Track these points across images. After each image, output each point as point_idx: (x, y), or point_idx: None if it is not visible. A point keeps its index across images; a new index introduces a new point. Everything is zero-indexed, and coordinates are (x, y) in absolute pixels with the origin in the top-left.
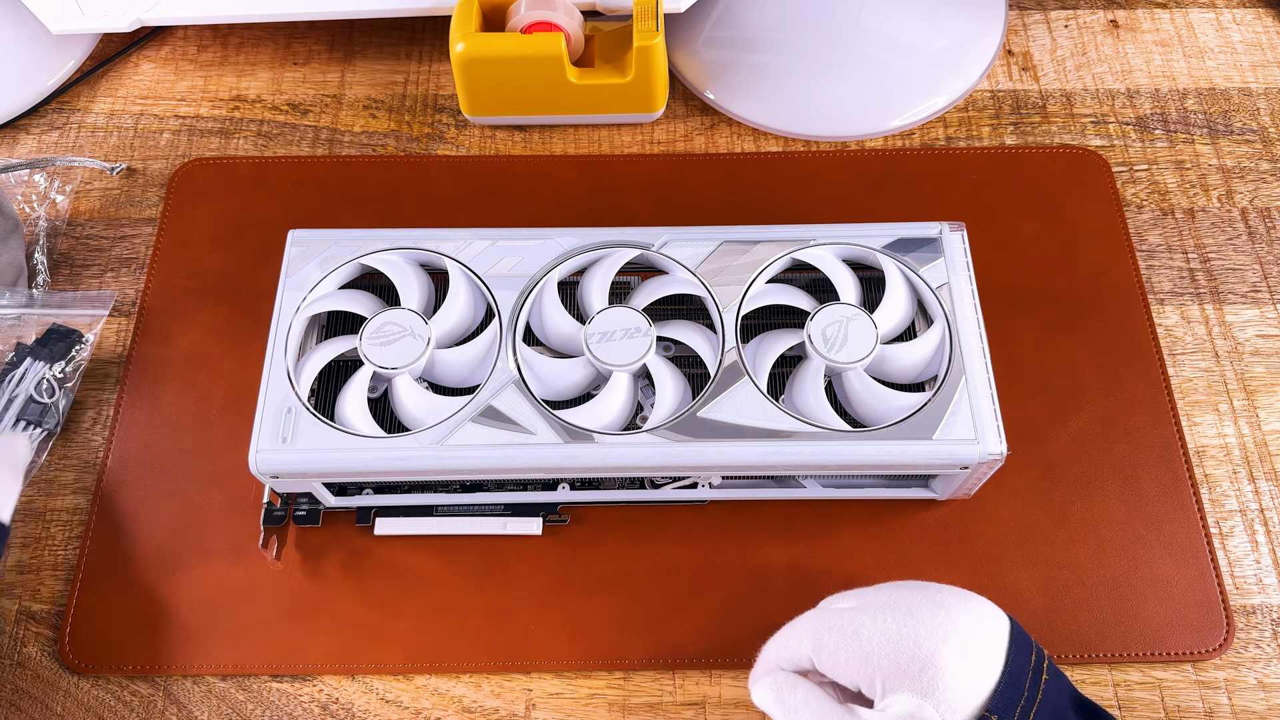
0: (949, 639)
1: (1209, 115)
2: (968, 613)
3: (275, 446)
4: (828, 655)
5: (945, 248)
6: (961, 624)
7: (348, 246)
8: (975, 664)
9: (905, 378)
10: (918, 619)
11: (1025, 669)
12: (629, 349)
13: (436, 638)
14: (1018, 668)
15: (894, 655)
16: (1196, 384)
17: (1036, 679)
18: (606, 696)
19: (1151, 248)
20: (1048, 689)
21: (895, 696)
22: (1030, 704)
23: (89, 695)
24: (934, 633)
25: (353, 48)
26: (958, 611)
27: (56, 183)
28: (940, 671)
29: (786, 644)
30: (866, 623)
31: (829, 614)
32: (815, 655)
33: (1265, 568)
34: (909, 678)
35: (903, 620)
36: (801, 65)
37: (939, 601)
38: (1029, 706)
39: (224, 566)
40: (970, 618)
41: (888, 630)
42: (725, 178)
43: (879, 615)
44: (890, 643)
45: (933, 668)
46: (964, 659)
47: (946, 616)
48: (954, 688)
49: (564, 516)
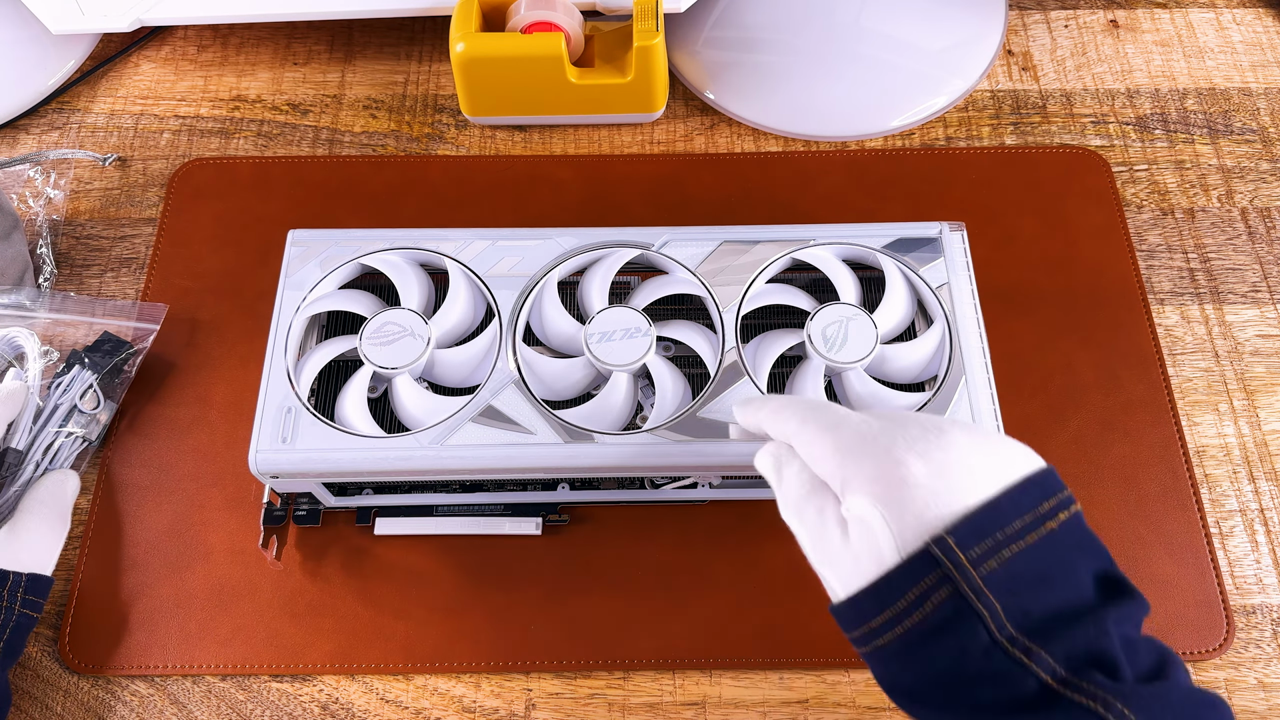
0: (925, 453)
1: (1209, 115)
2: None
3: (275, 446)
4: (805, 441)
5: (945, 248)
6: (953, 443)
7: (348, 246)
8: (949, 483)
9: (905, 378)
10: (905, 429)
11: (1022, 509)
12: (629, 349)
13: (436, 638)
14: (1010, 504)
15: (861, 454)
16: (1196, 384)
17: (1035, 525)
18: (606, 696)
19: (1151, 248)
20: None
21: (853, 497)
22: (1008, 542)
23: (89, 695)
24: (912, 444)
25: (353, 48)
26: (957, 436)
27: (53, 178)
28: (899, 479)
29: (776, 412)
30: (853, 420)
31: (823, 404)
32: (795, 436)
33: (1265, 568)
34: (869, 480)
35: (888, 427)
36: (801, 65)
37: (940, 426)
38: (1005, 543)
39: (224, 566)
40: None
41: (869, 431)
42: (725, 178)
43: (870, 418)
44: (863, 442)
45: (894, 474)
46: (934, 474)
47: (938, 435)
48: (911, 499)
49: (564, 516)
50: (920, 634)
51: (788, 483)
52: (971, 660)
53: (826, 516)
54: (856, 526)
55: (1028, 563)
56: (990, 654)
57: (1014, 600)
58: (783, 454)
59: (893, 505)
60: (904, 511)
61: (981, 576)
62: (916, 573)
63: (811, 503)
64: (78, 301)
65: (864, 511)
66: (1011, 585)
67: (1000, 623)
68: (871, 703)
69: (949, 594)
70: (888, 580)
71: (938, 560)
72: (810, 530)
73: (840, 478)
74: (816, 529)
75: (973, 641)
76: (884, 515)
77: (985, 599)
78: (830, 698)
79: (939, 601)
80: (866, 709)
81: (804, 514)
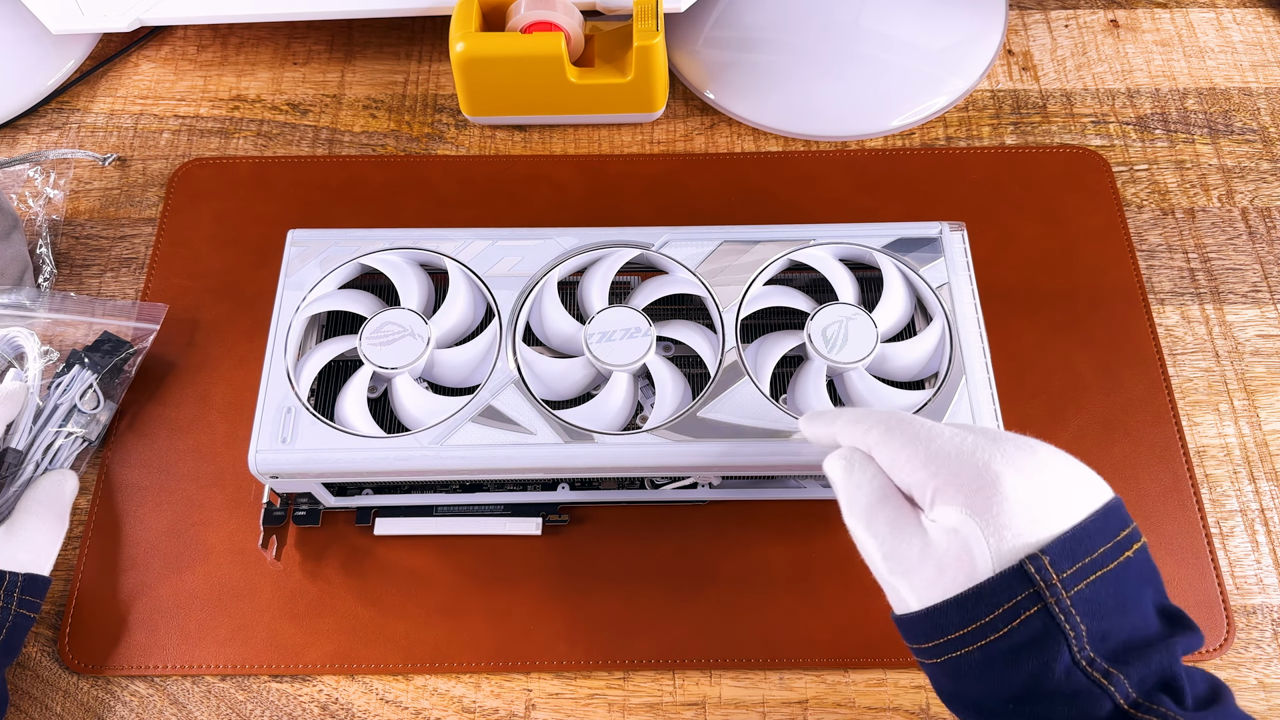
0: (1024, 470)
1: (1209, 115)
2: (1059, 462)
3: (275, 446)
4: (890, 450)
5: (945, 247)
6: (1046, 464)
7: (348, 246)
8: (1044, 504)
9: (906, 376)
10: (1000, 446)
11: (1106, 537)
12: (629, 349)
13: (436, 638)
14: (1096, 530)
15: (958, 466)
16: (1196, 384)
17: (1115, 553)
18: (606, 696)
19: (1151, 248)
20: (1124, 568)
21: (944, 508)
22: (1094, 568)
23: (88, 695)
24: (1010, 460)
25: (353, 48)
26: (1048, 456)
27: (52, 178)
28: (1001, 495)
29: (855, 422)
30: (945, 433)
31: (909, 415)
32: (879, 445)
33: (1265, 568)
34: (966, 492)
35: (983, 441)
36: (801, 65)
37: (1033, 446)
38: (1091, 569)
39: (224, 566)
40: (1060, 466)
41: (964, 444)
42: (725, 178)
43: (961, 431)
44: (960, 454)
45: (994, 488)
46: (1032, 493)
47: (1032, 454)
48: (1010, 515)
49: (564, 516)
50: (1005, 649)
51: (859, 488)
52: (1052, 679)
53: (901, 525)
54: (946, 536)
55: (1108, 588)
56: (1071, 674)
57: (1096, 623)
58: (856, 459)
59: (990, 519)
60: (1003, 526)
61: (1070, 597)
62: (1010, 588)
63: (884, 510)
64: (78, 301)
65: (958, 522)
66: (1094, 609)
67: (1083, 644)
68: (871, 703)
69: (1039, 611)
70: (979, 592)
71: (1031, 578)
72: (881, 538)
73: (931, 487)
74: (889, 536)
75: (1057, 661)
76: (981, 528)
77: (1073, 619)
78: (830, 698)
79: (1028, 618)
80: (866, 709)
81: (874, 521)
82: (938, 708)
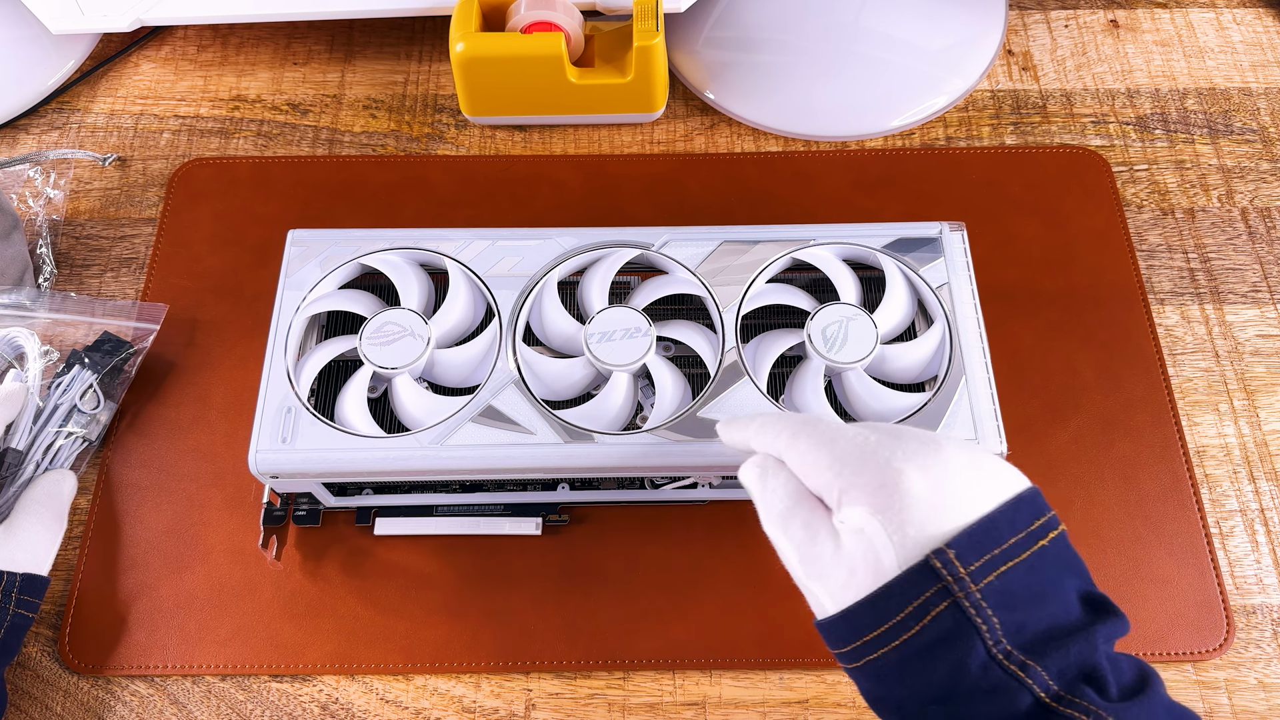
0: (925, 466)
1: (1209, 115)
2: (964, 456)
3: (275, 446)
4: (798, 455)
5: (945, 248)
6: (948, 458)
7: (348, 246)
8: (947, 498)
9: (905, 378)
10: (902, 443)
11: (1017, 527)
12: (629, 349)
13: (436, 638)
14: (1005, 521)
15: (860, 466)
16: (1196, 384)
17: (1028, 542)
18: (606, 696)
19: (1151, 248)
20: (1039, 557)
21: (850, 509)
22: (1005, 559)
23: (89, 695)
24: (911, 457)
25: (353, 48)
26: (952, 451)
27: (52, 178)
28: (901, 491)
29: (766, 428)
30: (848, 433)
31: (816, 419)
32: (786, 450)
33: (1265, 568)
34: (867, 491)
35: (885, 440)
36: (801, 65)
37: (936, 440)
38: (1001, 560)
39: (224, 566)
40: (964, 460)
41: (865, 444)
42: (725, 178)
43: (864, 430)
44: (861, 454)
45: (895, 485)
46: (933, 488)
47: (935, 450)
48: (912, 511)
49: (564, 516)
50: (918, 647)
51: (774, 494)
52: (968, 675)
53: (815, 529)
54: (853, 537)
55: (1021, 579)
56: (987, 669)
57: (1010, 615)
58: (769, 466)
59: (893, 516)
60: (905, 523)
61: (980, 590)
62: (917, 585)
63: (798, 515)
64: (78, 301)
65: (863, 521)
66: (1007, 600)
67: (997, 638)
68: None
69: (948, 606)
70: (887, 592)
71: (938, 573)
72: (796, 543)
73: (837, 488)
74: (804, 541)
75: (971, 656)
76: (884, 526)
77: (984, 613)
78: (830, 698)
79: (938, 614)
80: (866, 709)
81: (790, 526)
82: None
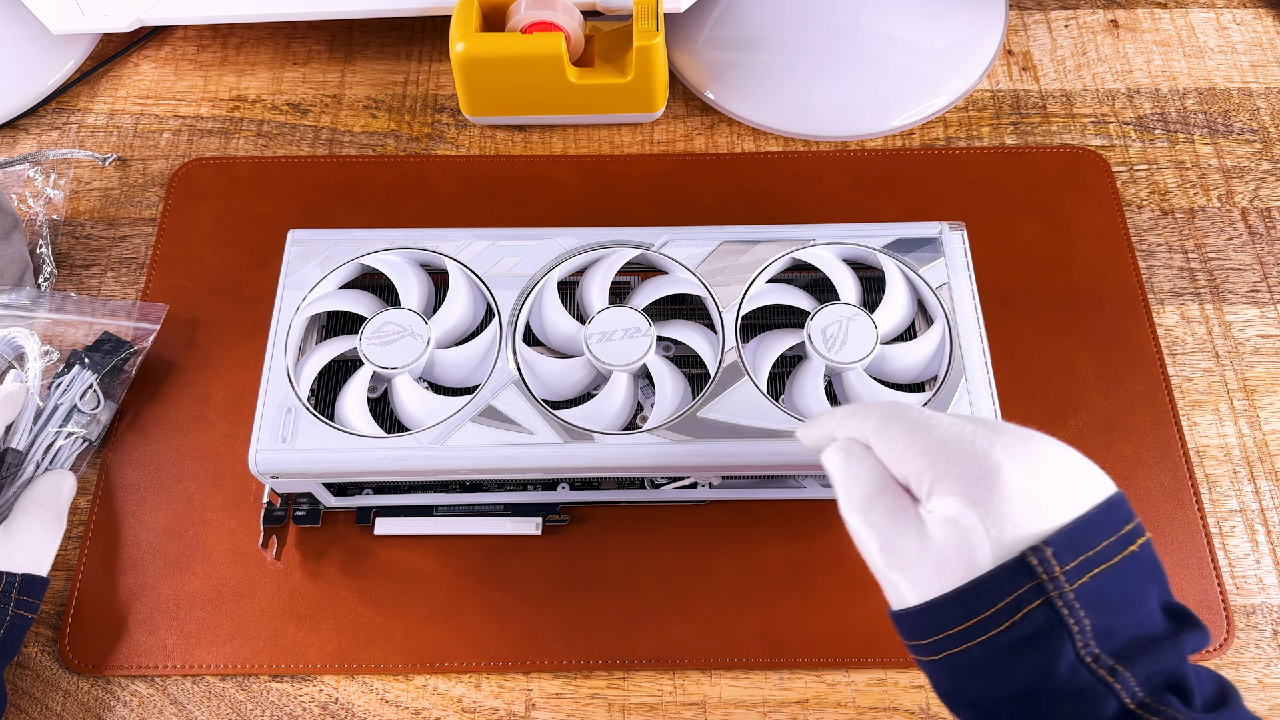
0: (1025, 460)
1: (1209, 115)
2: (1061, 454)
3: (275, 446)
4: (888, 440)
5: (945, 248)
6: (1047, 455)
7: (348, 246)
8: (1045, 495)
9: (905, 378)
10: (1000, 435)
11: (1109, 530)
12: (629, 349)
13: (436, 638)
14: (1099, 523)
15: (956, 456)
16: (1196, 384)
17: (1119, 547)
18: (606, 696)
19: (1151, 248)
20: (1128, 563)
21: (942, 499)
22: (1098, 561)
23: (89, 695)
24: (1011, 451)
25: (353, 48)
26: (1050, 447)
27: (52, 178)
28: (1001, 484)
29: (852, 415)
30: (943, 421)
31: (907, 405)
32: (875, 434)
33: (1265, 568)
34: (964, 482)
35: (983, 432)
36: (801, 65)
37: (1034, 437)
38: (1095, 562)
39: (224, 566)
40: (1062, 458)
41: (963, 433)
42: (725, 178)
43: (960, 420)
44: (958, 443)
45: (993, 478)
46: (1034, 484)
47: (1034, 444)
48: (1010, 506)
49: (564, 516)
50: (1005, 644)
51: (856, 479)
52: (1055, 676)
53: (899, 517)
54: (944, 528)
55: (1112, 583)
56: (1075, 671)
57: (1100, 619)
58: (854, 450)
59: (991, 510)
60: (1003, 517)
61: (1074, 590)
62: (1011, 580)
63: (881, 501)
64: (78, 301)
65: (957, 513)
66: (1098, 604)
67: (1086, 640)
68: (872, 703)
69: (1041, 605)
70: (979, 586)
71: (1033, 570)
72: (878, 530)
73: (930, 477)
74: (886, 529)
75: (1060, 656)
76: (981, 518)
77: (1076, 614)
78: (830, 698)
79: (1030, 612)
80: (866, 709)
81: (872, 513)
82: (938, 708)
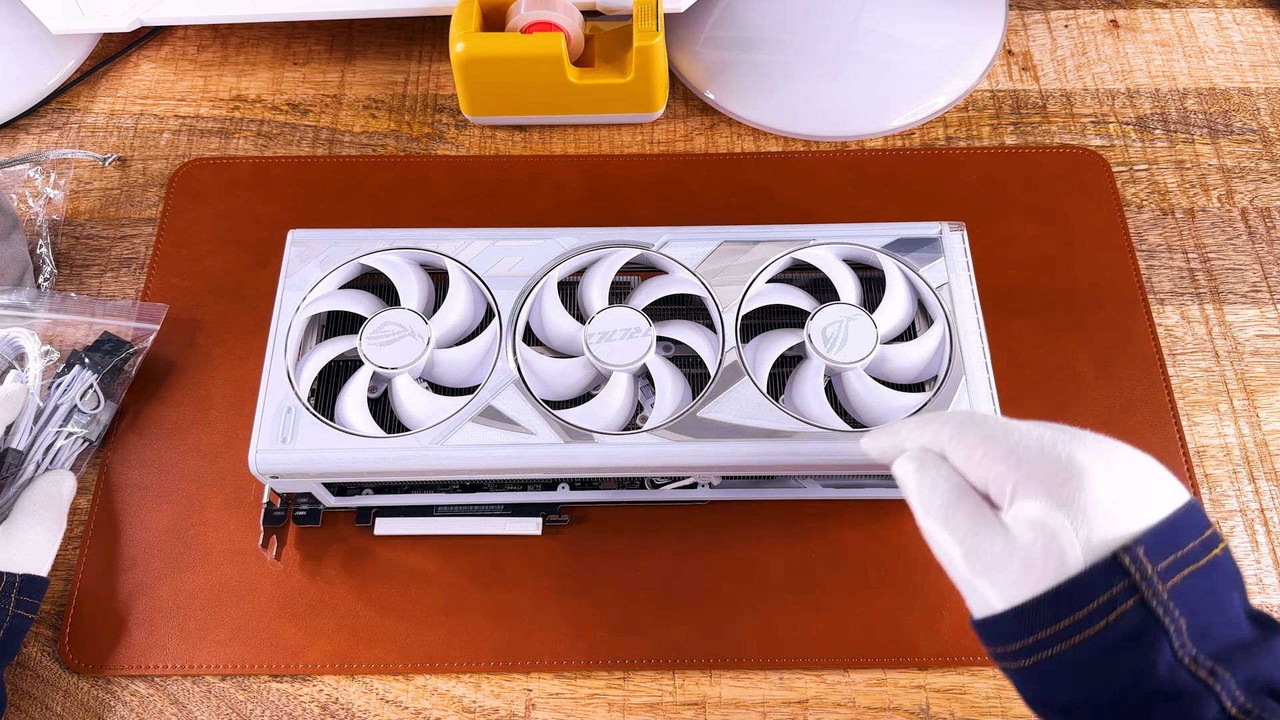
0: (1110, 463)
1: (1209, 115)
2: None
3: (275, 446)
4: (965, 446)
5: (945, 248)
6: (1128, 459)
7: (348, 246)
8: (1132, 496)
9: (905, 378)
10: (1081, 439)
11: (1194, 534)
12: (629, 349)
13: (436, 638)
14: (1184, 525)
15: (1040, 460)
16: (1196, 384)
17: (1204, 550)
18: (606, 696)
19: (1151, 248)
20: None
21: (1027, 502)
22: (1187, 562)
23: (88, 695)
24: (1094, 454)
25: (353, 48)
26: (1129, 452)
27: (52, 178)
28: (1087, 486)
29: (924, 425)
30: (1021, 427)
31: (980, 413)
32: (951, 442)
33: (1265, 568)
34: (1049, 485)
35: (1063, 436)
36: (801, 65)
37: (1112, 442)
38: (1185, 563)
39: (224, 566)
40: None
41: (1044, 437)
42: (725, 178)
43: (1037, 425)
44: (1040, 447)
45: (1079, 480)
46: (1117, 486)
47: (1114, 449)
48: (1097, 507)
49: (564, 516)
50: (1100, 646)
51: (934, 488)
52: (1153, 677)
53: (982, 523)
54: (1030, 531)
55: (1202, 585)
56: (1174, 672)
57: (1195, 619)
58: (928, 460)
59: (1078, 511)
60: (1091, 519)
61: (1168, 590)
62: (1105, 580)
63: (962, 508)
64: (78, 301)
65: (1044, 515)
66: (1192, 604)
67: (1183, 640)
68: (871, 703)
69: (1135, 604)
70: (1072, 586)
71: (1126, 570)
72: (960, 536)
73: (1013, 481)
74: (969, 534)
75: (1158, 657)
76: (1070, 520)
77: (1172, 614)
78: (830, 698)
79: (1124, 612)
80: (866, 709)
81: (953, 519)
82: (938, 708)
